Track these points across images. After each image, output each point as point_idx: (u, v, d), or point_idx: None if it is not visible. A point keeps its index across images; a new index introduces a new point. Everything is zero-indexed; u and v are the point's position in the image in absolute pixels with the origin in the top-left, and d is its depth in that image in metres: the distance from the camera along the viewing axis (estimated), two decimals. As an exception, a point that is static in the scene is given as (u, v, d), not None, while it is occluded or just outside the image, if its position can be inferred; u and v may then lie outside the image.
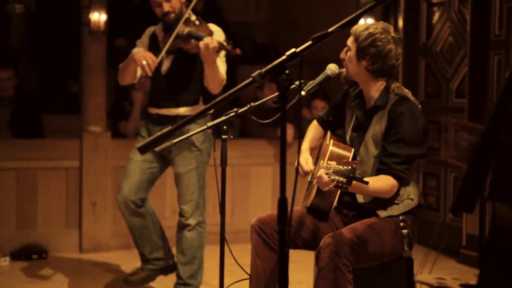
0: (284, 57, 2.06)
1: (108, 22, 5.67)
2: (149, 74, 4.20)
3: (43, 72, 7.08)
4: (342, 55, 3.31)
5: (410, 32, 6.23)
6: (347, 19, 2.11)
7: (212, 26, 4.30)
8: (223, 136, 3.11)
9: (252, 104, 3.12)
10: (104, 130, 5.76)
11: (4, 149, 5.57)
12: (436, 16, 6.09)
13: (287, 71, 2.04)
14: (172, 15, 4.24)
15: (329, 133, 3.50)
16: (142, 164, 4.38)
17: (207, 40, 4.00)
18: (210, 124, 3.07)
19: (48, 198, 5.61)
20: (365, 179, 2.96)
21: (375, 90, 3.25)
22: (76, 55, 6.00)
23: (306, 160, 3.35)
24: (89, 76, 5.69)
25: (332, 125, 3.55)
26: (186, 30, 4.17)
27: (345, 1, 6.88)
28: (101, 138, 5.70)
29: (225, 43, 3.99)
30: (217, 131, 3.10)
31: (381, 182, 3.11)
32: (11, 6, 4.20)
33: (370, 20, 6.10)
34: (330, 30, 2.07)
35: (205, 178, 4.42)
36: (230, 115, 3.04)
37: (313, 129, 3.58)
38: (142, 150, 2.31)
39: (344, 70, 3.48)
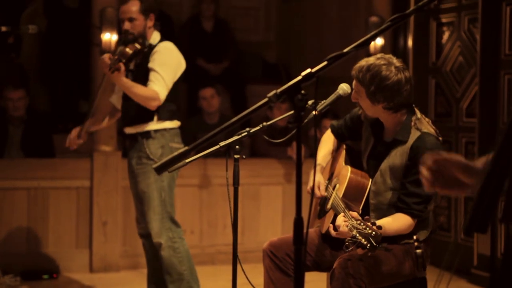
0: (299, 77, 2.06)
1: (119, 42, 5.69)
2: (71, 148, 4.43)
3: (54, 92, 7.11)
4: (353, 98, 3.20)
5: (420, 52, 6.23)
6: (362, 39, 2.11)
7: (162, 44, 4.30)
8: (236, 156, 3.08)
9: (264, 123, 3.11)
10: (115, 150, 5.76)
11: (15, 168, 5.58)
12: (445, 36, 6.09)
13: (302, 91, 2.04)
14: (129, 36, 4.25)
15: (343, 152, 3.46)
16: None
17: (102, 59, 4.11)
18: (222, 143, 3.05)
19: (59, 218, 5.61)
20: (383, 220, 2.92)
21: (396, 123, 3.19)
22: (87, 75, 6.02)
23: (317, 185, 3.28)
24: (100, 96, 5.69)
25: (345, 138, 3.51)
26: (119, 49, 4.21)
27: (354, 20, 6.89)
28: (111, 158, 5.70)
29: (113, 64, 4.03)
30: (228, 150, 3.08)
31: (400, 224, 3.10)
32: (25, 27, 4.23)
33: (379, 40, 6.10)
34: (345, 50, 2.06)
35: (170, 193, 4.35)
36: (243, 134, 3.03)
37: (328, 142, 3.52)
38: (158, 170, 2.30)
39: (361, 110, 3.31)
